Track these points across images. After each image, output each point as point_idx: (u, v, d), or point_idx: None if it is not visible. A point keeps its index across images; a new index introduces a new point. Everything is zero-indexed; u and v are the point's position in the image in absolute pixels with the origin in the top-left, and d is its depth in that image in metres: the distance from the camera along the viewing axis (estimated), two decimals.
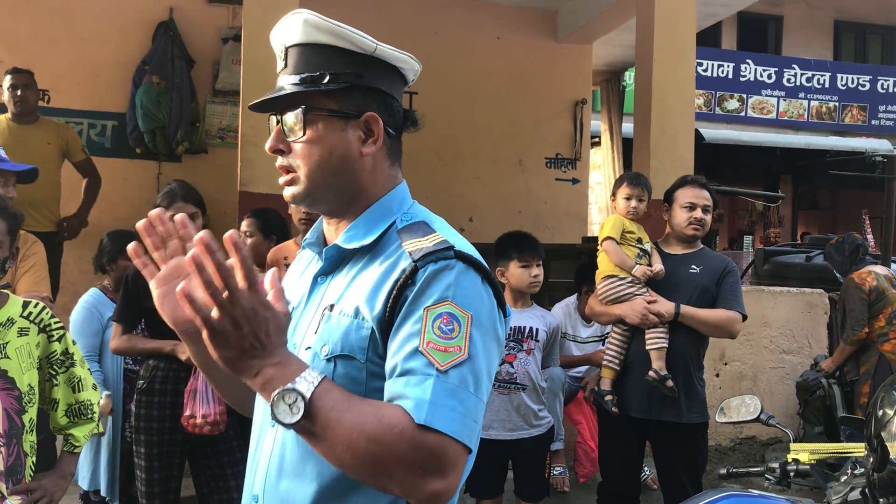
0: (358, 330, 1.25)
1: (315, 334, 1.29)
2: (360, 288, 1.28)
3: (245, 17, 5.05)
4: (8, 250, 2.34)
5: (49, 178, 5.12)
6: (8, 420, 2.29)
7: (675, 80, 5.77)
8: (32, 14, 6.48)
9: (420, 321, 1.18)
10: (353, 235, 1.34)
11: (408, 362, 1.16)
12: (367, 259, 1.32)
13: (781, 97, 14.48)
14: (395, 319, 1.22)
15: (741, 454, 5.58)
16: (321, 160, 1.32)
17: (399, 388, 1.16)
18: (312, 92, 1.30)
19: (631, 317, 3.51)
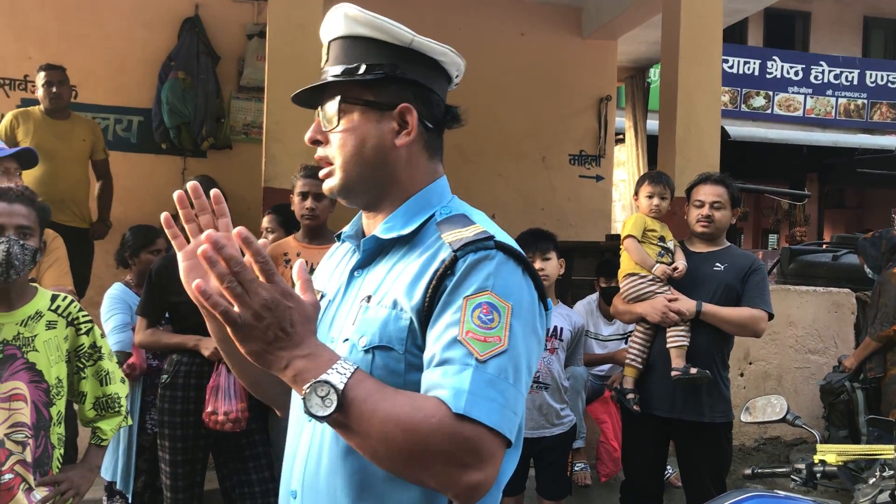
0: (396, 321, 1.23)
1: (353, 325, 1.28)
2: (399, 279, 1.27)
3: (270, 13, 5.07)
4: (38, 241, 2.38)
5: (81, 175, 5.24)
6: (36, 412, 2.32)
7: (701, 77, 5.72)
8: (61, 11, 6.55)
9: (459, 311, 1.16)
10: (391, 226, 1.33)
11: (446, 352, 1.15)
12: (406, 250, 1.31)
13: (809, 94, 14.32)
14: (434, 309, 1.20)
15: (766, 455, 5.53)
16: (355, 150, 1.32)
17: (437, 377, 1.14)
18: (349, 82, 1.31)
19: (651, 315, 3.49)
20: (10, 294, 2.33)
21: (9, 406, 2.27)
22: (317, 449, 1.29)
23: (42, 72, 5.10)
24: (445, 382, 1.12)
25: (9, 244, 2.25)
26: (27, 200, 2.35)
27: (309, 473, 1.30)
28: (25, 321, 2.34)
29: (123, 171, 5.95)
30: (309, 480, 1.30)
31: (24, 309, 2.36)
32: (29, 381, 2.31)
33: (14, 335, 2.31)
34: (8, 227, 2.29)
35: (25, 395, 2.30)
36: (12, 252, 2.25)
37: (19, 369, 2.30)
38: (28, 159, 3.52)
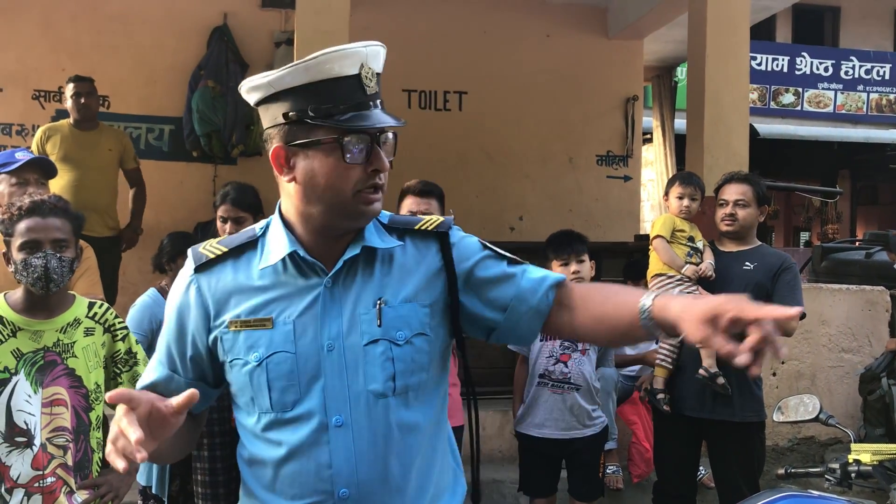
0: (421, 309, 1.49)
1: (379, 327, 1.46)
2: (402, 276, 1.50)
3: (297, 20, 5.12)
4: (75, 251, 2.42)
5: (109, 184, 5.30)
6: (76, 417, 2.37)
7: (729, 74, 5.68)
8: (93, 22, 6.66)
9: (491, 259, 1.55)
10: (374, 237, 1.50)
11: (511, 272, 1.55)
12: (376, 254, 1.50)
13: (839, 90, 14.14)
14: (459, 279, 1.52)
15: (799, 454, 5.47)
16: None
17: (530, 276, 1.55)
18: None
19: None
20: (49, 302, 2.38)
21: (50, 411, 2.32)
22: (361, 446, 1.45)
23: (71, 83, 5.17)
24: (539, 274, 1.56)
25: (46, 259, 2.29)
26: (60, 212, 2.39)
27: (364, 469, 1.44)
28: (65, 328, 2.40)
29: (155, 179, 6.04)
30: (364, 476, 1.44)
31: (64, 316, 2.41)
32: (69, 386, 2.37)
33: (54, 342, 2.37)
34: (44, 242, 2.32)
35: (66, 400, 2.35)
36: (50, 267, 2.30)
37: (60, 375, 2.35)
38: (48, 169, 3.55)
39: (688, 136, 5.93)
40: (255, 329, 1.46)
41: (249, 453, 1.54)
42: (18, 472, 2.27)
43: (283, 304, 1.47)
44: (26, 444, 2.28)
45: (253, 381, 1.47)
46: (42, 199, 2.37)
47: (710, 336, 1.23)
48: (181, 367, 1.54)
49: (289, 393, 1.45)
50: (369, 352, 1.45)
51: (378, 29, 6.76)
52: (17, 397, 2.29)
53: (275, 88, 1.42)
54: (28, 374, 2.31)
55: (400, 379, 1.46)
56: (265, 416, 1.48)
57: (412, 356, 1.47)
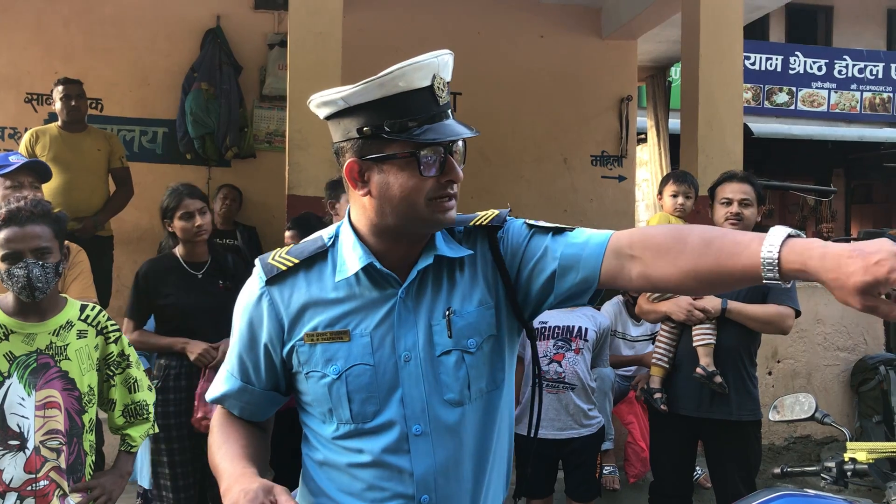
0: (487, 311, 1.50)
1: (450, 338, 1.47)
2: (464, 282, 1.50)
3: (290, 22, 5.12)
4: (59, 255, 2.39)
5: (100, 185, 5.24)
6: (69, 420, 2.36)
7: (723, 74, 5.69)
8: (85, 25, 6.65)
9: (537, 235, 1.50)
10: (446, 245, 1.51)
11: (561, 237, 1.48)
12: (442, 262, 1.50)
13: (833, 89, 14.17)
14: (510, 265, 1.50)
15: (796, 453, 5.48)
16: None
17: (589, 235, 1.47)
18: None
19: (676, 313, 3.47)
20: (41, 305, 2.37)
21: (44, 413, 2.31)
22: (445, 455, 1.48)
23: (60, 86, 5.13)
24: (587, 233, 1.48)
25: (28, 269, 2.28)
26: (39, 217, 2.34)
27: (445, 478, 1.48)
28: (57, 331, 2.39)
29: (149, 181, 6.02)
30: (444, 484, 1.48)
31: (56, 319, 2.41)
32: (62, 388, 2.36)
33: (47, 344, 2.36)
34: (25, 251, 2.29)
35: (59, 402, 2.34)
36: (33, 276, 2.28)
37: (53, 377, 2.35)
38: (42, 172, 3.55)
39: (682, 135, 5.94)
40: (332, 342, 1.47)
41: (324, 456, 1.53)
42: (11, 475, 2.26)
43: (359, 316, 1.47)
44: (19, 447, 2.28)
45: (332, 394, 1.47)
46: (18, 207, 2.32)
47: (875, 306, 1.13)
48: (255, 378, 1.55)
49: (369, 404, 1.46)
50: (443, 362, 1.47)
51: (371, 30, 6.76)
52: (11, 400, 2.28)
53: (348, 104, 1.41)
54: (21, 377, 2.31)
55: (475, 385, 1.49)
56: (345, 426, 1.48)
57: (484, 360, 1.50)
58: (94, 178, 5.18)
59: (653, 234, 1.41)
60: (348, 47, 4.95)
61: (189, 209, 3.36)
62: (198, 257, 3.46)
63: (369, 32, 6.66)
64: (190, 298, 3.37)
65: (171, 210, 3.39)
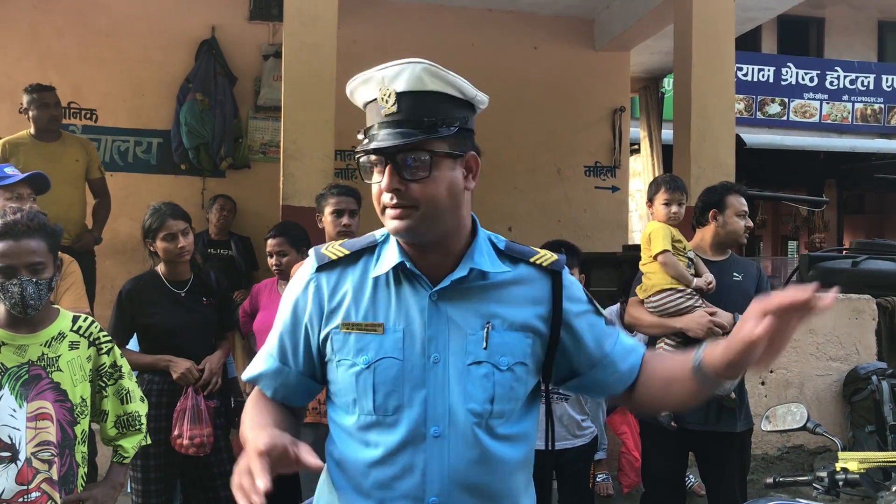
0: (524, 340, 1.53)
1: (485, 350, 1.49)
2: (512, 303, 1.53)
3: (285, 33, 5.13)
4: (52, 269, 2.37)
5: (79, 197, 5.08)
6: (61, 431, 2.35)
7: (715, 85, 5.72)
8: (80, 36, 6.65)
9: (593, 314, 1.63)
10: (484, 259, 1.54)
11: (608, 332, 1.63)
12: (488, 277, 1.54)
13: (824, 100, 14.25)
14: (563, 321, 1.57)
15: (789, 463, 5.48)
16: (440, 195, 1.46)
17: (622, 343, 1.63)
18: (435, 136, 1.44)
19: (695, 330, 3.35)
20: (33, 317, 2.36)
21: (35, 425, 2.31)
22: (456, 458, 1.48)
23: (35, 93, 4.91)
24: (630, 343, 1.65)
25: (21, 286, 2.26)
26: (35, 231, 2.32)
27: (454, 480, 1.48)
28: (49, 342, 2.38)
29: (143, 192, 6.03)
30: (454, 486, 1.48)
31: (48, 330, 2.40)
32: (54, 400, 2.35)
33: (39, 356, 2.35)
34: (19, 267, 2.27)
35: (51, 414, 2.33)
36: (26, 294, 2.27)
37: (45, 389, 2.34)
38: (41, 184, 3.48)
39: (675, 146, 5.97)
40: (366, 333, 1.51)
41: (340, 453, 1.56)
42: (3, 487, 2.25)
43: (395, 312, 1.52)
44: (11, 458, 2.27)
45: (359, 383, 1.51)
46: (14, 220, 2.30)
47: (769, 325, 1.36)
48: (293, 360, 1.59)
49: (392, 398, 1.49)
50: (472, 371, 1.49)
51: (366, 42, 6.78)
52: (2, 412, 2.27)
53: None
54: (13, 389, 2.30)
55: (498, 403, 1.50)
56: (366, 417, 1.51)
57: (511, 383, 1.52)
58: (72, 189, 5.00)
59: (656, 369, 1.63)
60: (343, 58, 4.97)
61: (172, 230, 3.33)
62: (180, 276, 3.44)
63: (364, 44, 6.68)
64: (174, 317, 3.35)
65: (154, 231, 3.35)
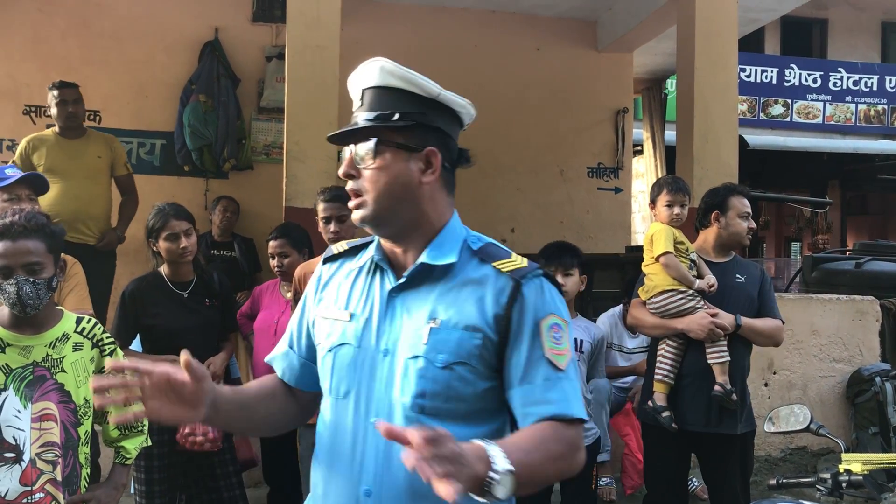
0: (470, 340, 1.48)
1: (424, 345, 1.48)
2: (461, 303, 1.50)
3: (288, 35, 5.14)
4: (53, 269, 2.37)
5: (102, 193, 5.14)
6: (65, 432, 2.36)
7: (718, 86, 5.72)
8: (83, 38, 6.66)
9: (538, 334, 1.48)
10: (437, 254, 1.54)
11: (536, 367, 1.47)
12: (449, 276, 1.53)
13: (828, 101, 14.24)
14: (510, 331, 1.49)
15: (792, 464, 5.48)
16: (386, 186, 1.51)
17: (538, 393, 1.46)
18: (383, 127, 1.51)
19: (696, 331, 3.38)
20: (37, 318, 2.37)
21: (39, 426, 2.31)
22: (392, 451, 1.45)
23: (56, 90, 4.98)
24: (551, 397, 1.46)
25: (18, 286, 2.26)
26: (33, 232, 2.32)
27: (383, 471, 1.49)
28: (53, 343, 2.39)
29: (147, 193, 6.00)
30: (384, 479, 1.49)
31: (52, 331, 2.40)
32: (58, 401, 2.36)
33: (43, 357, 2.36)
34: (15, 267, 2.27)
35: (55, 415, 2.34)
36: (23, 293, 2.27)
37: (49, 390, 2.35)
38: (39, 185, 3.47)
39: (678, 147, 5.96)
40: (337, 320, 1.60)
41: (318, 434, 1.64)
42: (7, 488, 2.26)
43: (363, 304, 1.59)
44: (15, 459, 2.27)
45: (323, 366, 1.61)
46: (12, 221, 2.30)
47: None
48: (296, 345, 1.72)
49: (343, 383, 1.56)
50: (410, 366, 1.50)
51: (368, 43, 6.77)
52: (6, 413, 2.28)
53: None
54: (17, 390, 2.30)
55: (431, 400, 1.47)
56: (328, 399, 1.60)
57: (450, 382, 1.48)
58: (95, 185, 5.06)
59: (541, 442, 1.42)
60: (346, 60, 4.97)
61: (174, 230, 3.35)
62: (183, 277, 3.44)
63: (366, 46, 6.63)
64: (177, 318, 3.35)
65: (157, 231, 3.37)
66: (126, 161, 5.36)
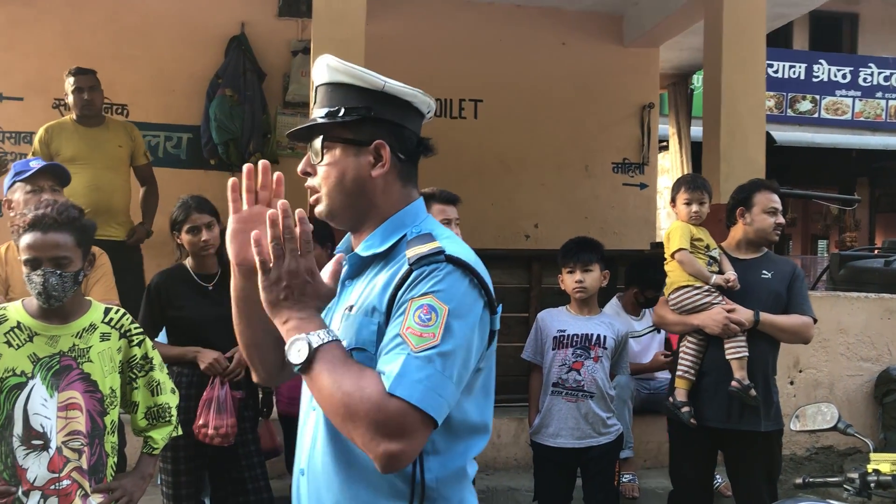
0: (368, 325, 1.48)
1: (337, 331, 1.49)
2: (373, 290, 1.51)
3: (314, 29, 5.15)
4: (81, 263, 2.40)
5: (123, 183, 5.05)
6: (91, 421, 2.39)
7: (745, 82, 5.66)
8: (111, 33, 6.72)
9: (405, 311, 1.40)
10: (369, 245, 1.56)
11: (390, 343, 1.39)
12: (381, 266, 1.54)
13: (857, 97, 14.05)
14: (392, 313, 1.44)
15: (817, 464, 5.42)
16: (336, 181, 1.55)
17: (379, 364, 1.39)
18: (331, 123, 1.53)
19: (711, 327, 3.41)
20: (64, 308, 2.40)
21: (66, 415, 2.34)
22: (317, 433, 1.54)
23: (71, 77, 4.86)
24: (384, 367, 1.36)
25: (44, 277, 2.30)
26: (63, 225, 2.35)
27: (312, 454, 1.54)
28: (80, 333, 2.42)
29: (173, 187, 6.04)
30: (311, 460, 1.54)
31: (79, 321, 2.43)
32: (84, 390, 2.39)
33: (70, 346, 2.39)
34: (43, 259, 2.31)
35: (81, 404, 2.37)
36: (48, 284, 2.31)
37: (75, 379, 2.38)
38: (61, 175, 3.45)
39: (704, 143, 5.91)
40: (330, 308, 1.62)
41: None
42: (35, 474, 2.29)
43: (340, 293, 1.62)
44: (42, 447, 2.31)
45: None
46: (44, 213, 2.34)
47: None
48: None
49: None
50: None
51: (393, 37, 6.79)
52: (34, 401, 2.31)
53: None
54: (44, 379, 2.34)
55: None
56: None
57: None
58: (116, 175, 4.97)
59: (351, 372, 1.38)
60: (370, 55, 4.98)
61: (196, 223, 3.38)
62: (207, 269, 3.47)
63: (391, 40, 6.69)
64: (202, 310, 3.38)
65: (179, 223, 3.41)
66: (146, 150, 5.30)
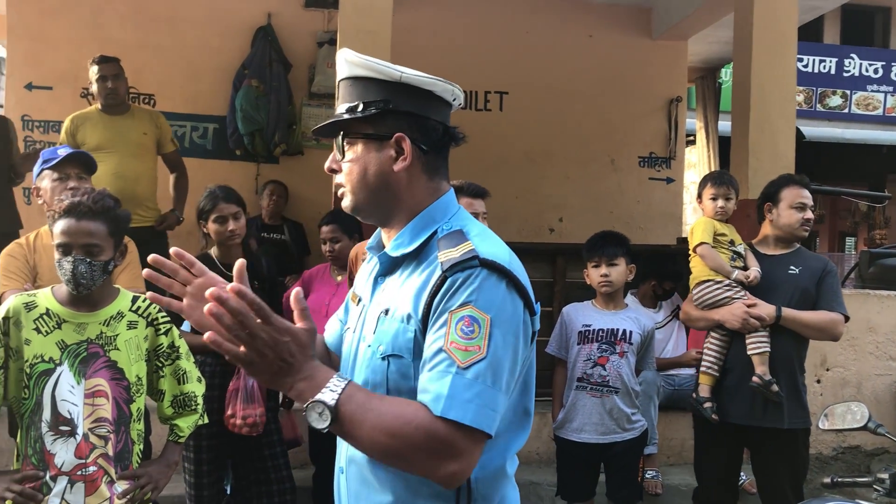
0: (405, 333, 1.43)
1: (373, 334, 1.49)
2: (408, 293, 1.45)
3: (340, 20, 5.15)
4: (112, 252, 2.43)
5: (148, 171, 5.04)
6: (117, 408, 2.41)
7: (775, 76, 5.58)
8: (139, 23, 6.77)
9: (445, 324, 1.35)
10: (399, 244, 1.52)
11: (433, 359, 1.35)
12: (414, 265, 1.49)
13: (889, 92, 13.84)
14: (429, 322, 1.39)
15: (844, 464, 5.36)
16: (360, 177, 1.52)
17: (424, 382, 1.35)
18: (351, 119, 1.50)
19: (731, 322, 3.41)
20: (92, 296, 2.42)
21: (92, 402, 2.36)
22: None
23: (95, 65, 4.85)
24: (429, 387, 1.33)
25: (74, 264, 2.32)
26: (96, 214, 2.37)
27: (351, 453, 1.52)
28: (108, 321, 2.44)
29: (199, 177, 6.08)
30: (350, 460, 1.53)
31: (107, 309, 2.45)
32: (110, 378, 2.41)
33: (97, 334, 2.41)
34: (74, 246, 2.34)
35: (107, 391, 2.39)
36: (77, 271, 2.33)
37: (102, 367, 2.40)
38: (88, 163, 3.43)
39: (733, 138, 5.85)
40: (351, 302, 1.67)
41: None
42: (63, 460, 2.32)
43: (365, 288, 1.62)
44: (70, 433, 2.33)
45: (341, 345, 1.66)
46: (80, 201, 2.36)
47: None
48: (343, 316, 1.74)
49: (344, 365, 1.61)
50: (364, 354, 1.52)
51: (420, 29, 6.78)
52: (61, 387, 2.34)
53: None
54: (71, 366, 2.36)
55: (374, 391, 1.44)
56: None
57: (388, 374, 1.45)
58: (141, 163, 4.97)
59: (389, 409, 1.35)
60: (397, 46, 4.97)
61: (223, 213, 3.40)
62: (232, 259, 3.46)
63: (418, 31, 6.67)
64: None
65: (206, 212, 3.43)
66: (172, 136, 5.30)
